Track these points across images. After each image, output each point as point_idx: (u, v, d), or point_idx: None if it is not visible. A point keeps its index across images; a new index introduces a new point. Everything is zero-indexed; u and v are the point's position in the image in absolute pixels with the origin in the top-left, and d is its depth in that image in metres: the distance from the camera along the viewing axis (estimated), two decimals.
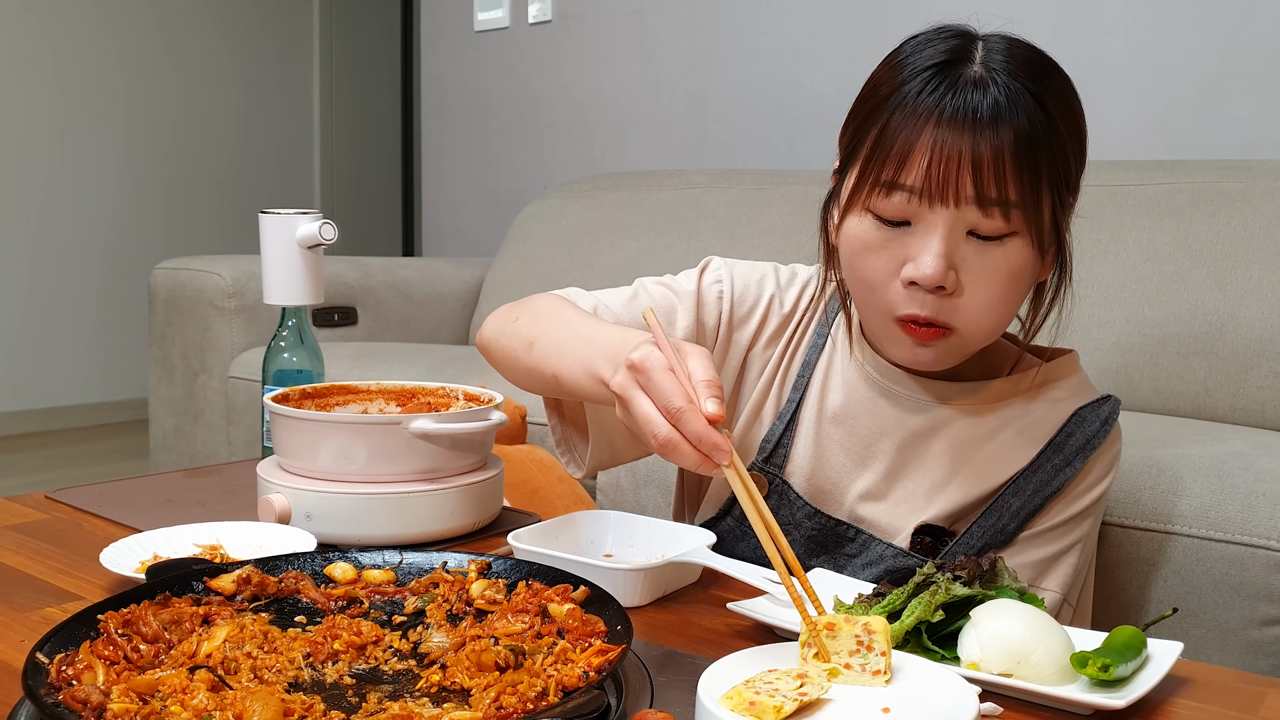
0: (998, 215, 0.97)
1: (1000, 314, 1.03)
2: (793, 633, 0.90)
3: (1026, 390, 1.11)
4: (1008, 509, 1.08)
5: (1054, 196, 1.00)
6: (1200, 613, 1.32)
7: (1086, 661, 0.80)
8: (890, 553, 1.11)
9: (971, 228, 0.99)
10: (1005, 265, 1.00)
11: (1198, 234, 1.81)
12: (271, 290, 1.45)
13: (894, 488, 1.13)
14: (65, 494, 1.35)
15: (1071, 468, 1.08)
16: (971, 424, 1.11)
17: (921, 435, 1.12)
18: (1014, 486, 1.08)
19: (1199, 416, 1.75)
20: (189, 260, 2.62)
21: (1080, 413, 1.10)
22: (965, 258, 0.99)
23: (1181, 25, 2.17)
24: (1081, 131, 1.04)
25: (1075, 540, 1.10)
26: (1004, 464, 1.09)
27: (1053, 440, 1.09)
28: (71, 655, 0.76)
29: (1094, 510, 1.11)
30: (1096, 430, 1.09)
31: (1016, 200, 0.97)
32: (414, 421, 1.13)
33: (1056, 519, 1.09)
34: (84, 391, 4.86)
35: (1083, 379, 1.14)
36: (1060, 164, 1.00)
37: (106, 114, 4.86)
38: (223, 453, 2.49)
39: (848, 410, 1.15)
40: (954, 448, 1.11)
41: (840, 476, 1.15)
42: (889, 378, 1.13)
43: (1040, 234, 1.00)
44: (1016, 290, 1.02)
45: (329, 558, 0.96)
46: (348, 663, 0.81)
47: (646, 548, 1.10)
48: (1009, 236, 0.99)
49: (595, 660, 0.77)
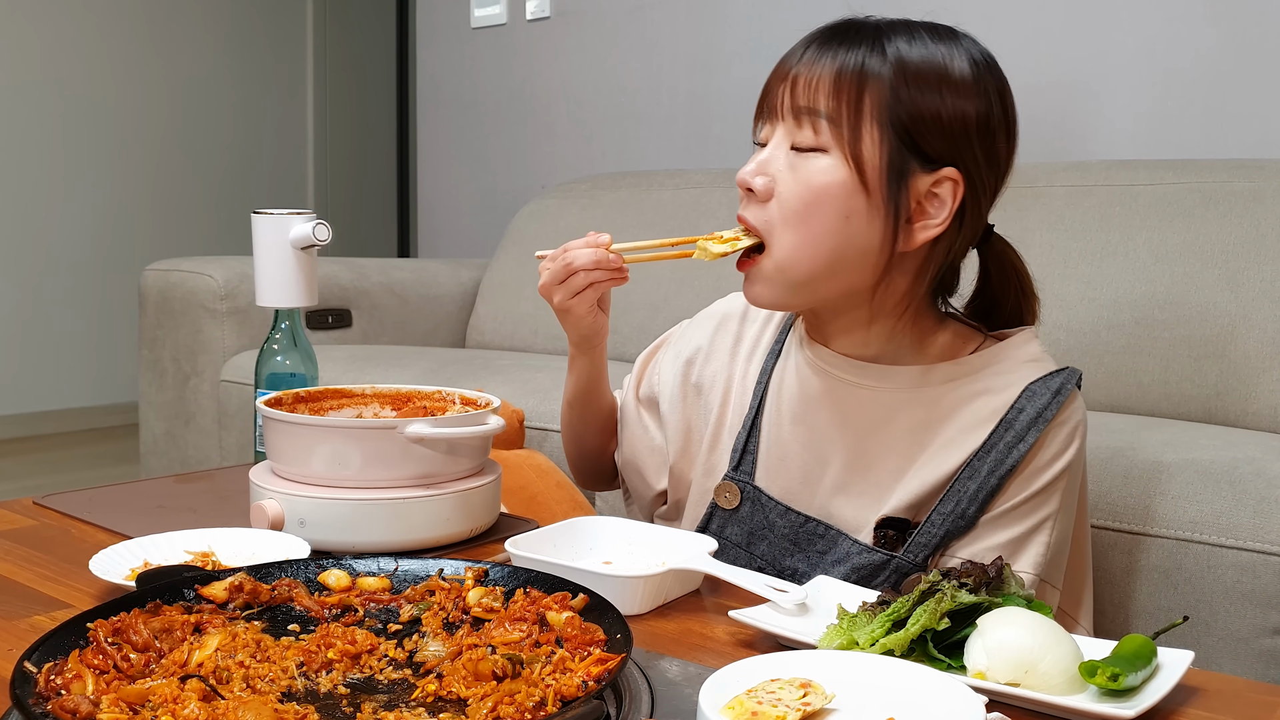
0: (808, 126, 1.06)
1: (800, 231, 1.07)
2: (797, 642, 0.90)
3: (980, 370, 1.13)
4: (965, 492, 1.09)
5: (891, 138, 1.05)
6: (1211, 621, 1.32)
7: (1095, 671, 0.80)
8: (855, 549, 1.13)
9: (793, 141, 1.08)
10: (809, 178, 1.06)
11: (1209, 235, 1.81)
12: (264, 292, 1.45)
13: (857, 479, 1.15)
14: (54, 500, 1.35)
15: (1024, 443, 1.08)
16: (926, 409, 1.13)
17: (878, 424, 1.14)
18: (969, 469, 1.09)
19: (1210, 421, 1.75)
20: (180, 261, 2.62)
21: (1031, 387, 1.10)
22: (781, 169, 1.08)
23: (1191, 20, 2.18)
24: (952, 90, 1.06)
25: (1043, 518, 1.10)
26: (959, 447, 1.11)
27: (1004, 418, 1.10)
28: (60, 664, 0.76)
29: (1058, 486, 1.10)
30: (1048, 403, 1.09)
31: (827, 113, 1.05)
32: (409, 426, 1.13)
33: (1017, 498, 1.09)
34: (73, 395, 4.86)
35: (1035, 353, 1.14)
36: (898, 109, 1.04)
37: (95, 112, 4.87)
38: (214, 458, 2.49)
39: (805, 408, 1.18)
40: (910, 434, 1.13)
41: (806, 474, 1.18)
42: (840, 369, 1.16)
43: (859, 158, 1.05)
44: (818, 210, 1.06)
45: (323, 565, 0.96)
46: (342, 672, 0.81)
47: (647, 555, 1.10)
48: (820, 152, 1.06)
49: (594, 669, 0.77)
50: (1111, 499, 1.39)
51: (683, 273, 2.44)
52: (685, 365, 1.32)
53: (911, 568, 1.11)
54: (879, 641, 0.86)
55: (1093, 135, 2.30)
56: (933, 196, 1.07)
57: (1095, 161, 2.10)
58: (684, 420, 1.30)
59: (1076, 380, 1.12)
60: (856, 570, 1.12)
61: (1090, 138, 2.30)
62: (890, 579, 1.12)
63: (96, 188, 4.90)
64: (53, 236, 4.78)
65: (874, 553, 1.12)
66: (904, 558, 1.11)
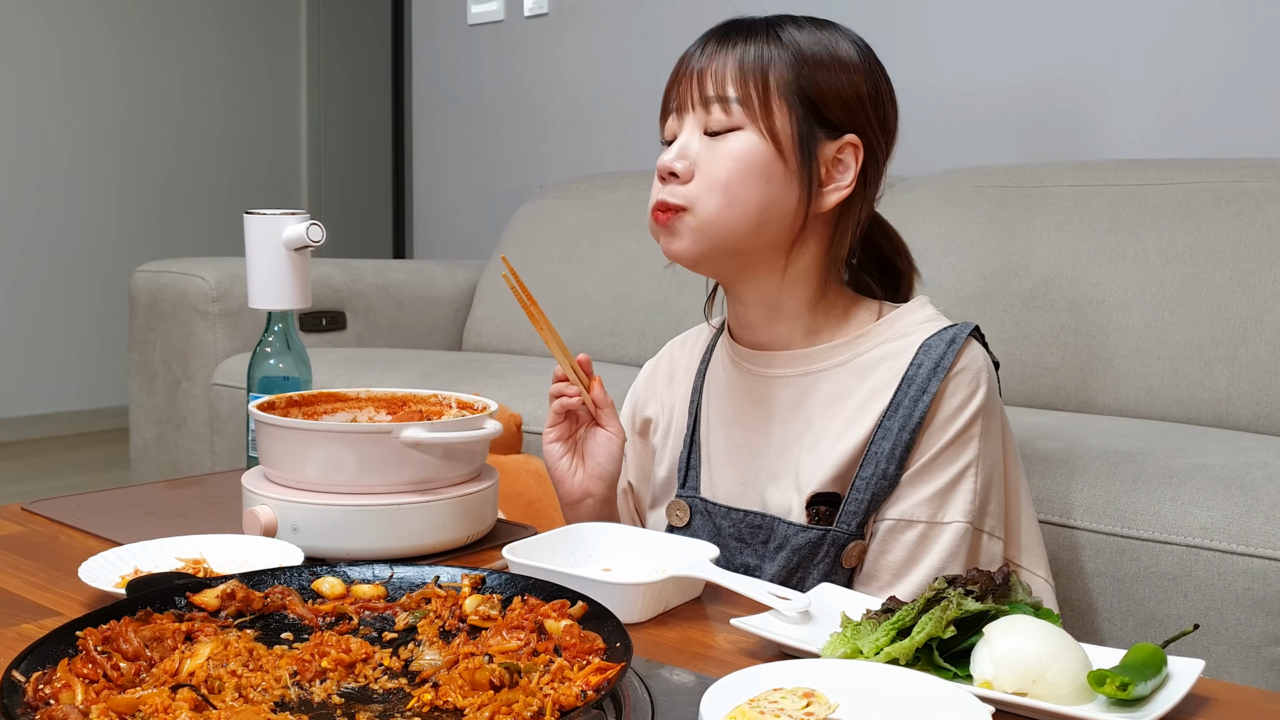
0: (719, 111, 1.16)
1: (724, 194, 1.15)
2: (800, 650, 0.90)
3: (881, 337, 1.21)
4: (881, 453, 1.15)
5: (799, 112, 1.15)
6: (1222, 629, 1.32)
7: (1104, 680, 0.80)
8: (792, 531, 1.18)
9: (705, 127, 1.17)
10: (728, 151, 1.15)
11: (1220, 235, 1.81)
12: (257, 294, 1.45)
13: (784, 464, 1.21)
14: (42, 505, 1.36)
15: (927, 395, 1.15)
16: (836, 381, 1.21)
17: (795, 407, 1.22)
18: (881, 429, 1.16)
19: (1221, 425, 1.75)
20: (171, 263, 2.62)
21: (926, 342, 1.17)
22: (699, 153, 1.16)
23: (1202, 16, 2.18)
24: (844, 68, 1.18)
25: (965, 465, 1.15)
26: (869, 411, 1.17)
27: (905, 375, 1.16)
28: (49, 673, 0.76)
29: (973, 432, 1.15)
30: (944, 353, 1.16)
31: (738, 98, 1.15)
32: (405, 430, 1.13)
33: (931, 449, 1.15)
34: (62, 399, 4.86)
35: (930, 314, 1.22)
36: (802, 85, 1.15)
37: (84, 110, 4.87)
38: (206, 463, 2.49)
39: (733, 407, 1.27)
40: (824, 409, 1.20)
41: (742, 471, 1.24)
42: (754, 361, 1.25)
43: (773, 130, 1.15)
44: (742, 175, 1.15)
45: (317, 572, 0.97)
46: (336, 681, 0.81)
47: (647, 561, 1.10)
48: (734, 131, 1.15)
49: (593, 679, 0.77)
50: (1120, 505, 1.40)
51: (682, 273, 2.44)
52: (632, 418, 1.40)
53: (847, 538, 1.16)
54: (884, 650, 0.86)
55: (1101, 134, 2.30)
56: (838, 162, 1.18)
57: (1104, 161, 2.10)
58: (638, 464, 1.38)
59: (971, 331, 1.18)
60: (797, 551, 1.17)
61: (1098, 136, 2.30)
62: (829, 553, 1.16)
63: (86, 187, 4.90)
64: (41, 237, 4.78)
65: (808, 530, 1.17)
66: (837, 529, 1.16)
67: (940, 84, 2.49)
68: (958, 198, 2.11)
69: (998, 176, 2.12)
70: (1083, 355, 1.86)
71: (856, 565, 1.18)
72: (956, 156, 2.43)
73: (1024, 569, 1.20)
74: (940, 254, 2.04)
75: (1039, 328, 1.91)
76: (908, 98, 1.29)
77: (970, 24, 2.45)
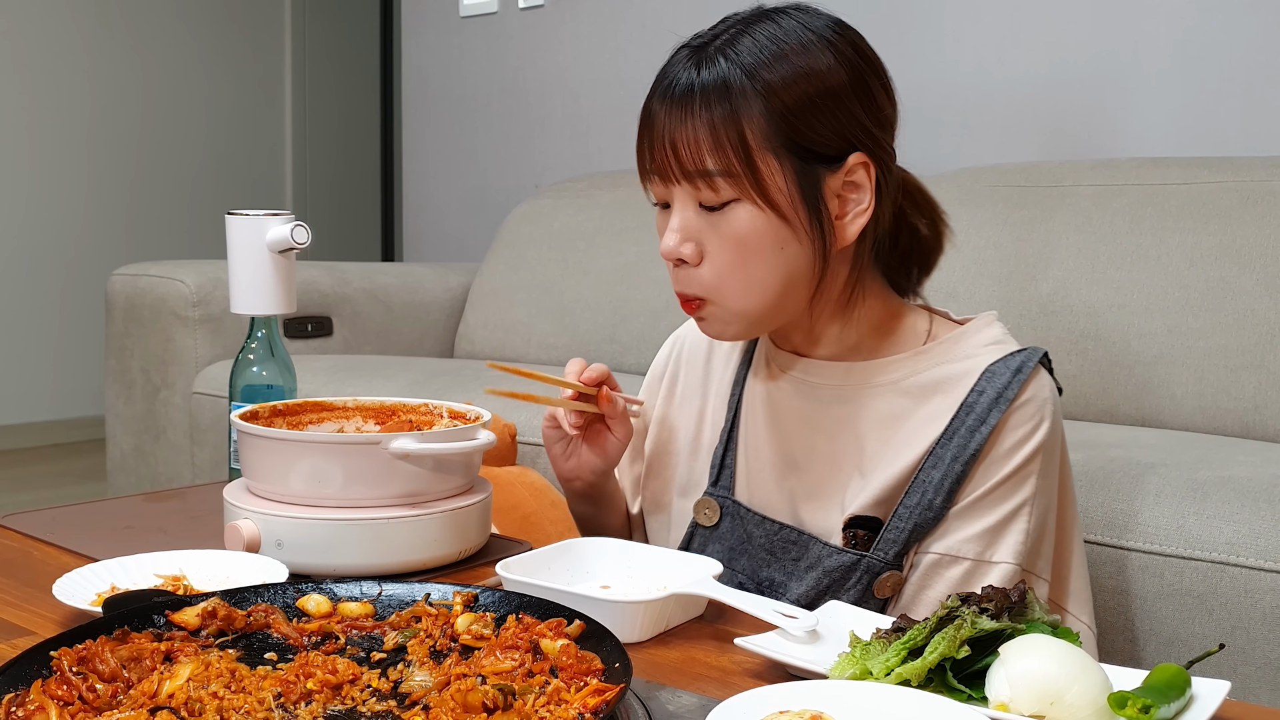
0: (705, 187, 1.10)
1: (743, 280, 1.12)
2: (807, 671, 0.90)
3: (940, 357, 1.17)
4: (930, 483, 1.13)
5: (791, 164, 1.09)
6: (1249, 649, 1.32)
7: (1126, 702, 0.80)
8: (826, 552, 1.17)
9: (699, 200, 1.11)
10: (731, 232, 1.11)
11: (1246, 237, 1.81)
12: (239, 298, 1.46)
13: (826, 481, 1.19)
14: (15, 520, 1.36)
15: (986, 426, 1.11)
16: (890, 401, 1.17)
17: (843, 423, 1.19)
18: (933, 457, 1.13)
19: (1248, 435, 1.75)
20: (149, 266, 2.63)
21: (990, 368, 1.14)
22: (702, 229, 1.12)
23: (1228, 9, 2.18)
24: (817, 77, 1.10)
25: (1019, 504, 1.12)
26: (922, 436, 1.14)
27: (965, 401, 1.13)
28: (22, 695, 0.76)
29: (1031, 469, 1.12)
30: (1008, 382, 1.12)
31: (720, 169, 1.09)
32: (394, 441, 1.13)
33: (985, 485, 1.12)
34: (35, 409, 4.86)
35: (996, 335, 1.18)
36: (783, 129, 1.08)
37: (60, 107, 4.87)
38: (186, 475, 2.49)
39: (775, 414, 1.23)
40: (877, 429, 1.17)
41: (780, 481, 1.22)
42: (805, 371, 1.22)
43: (768, 198, 1.09)
44: (753, 256, 1.11)
45: (302, 589, 0.97)
46: (322, 704, 0.81)
47: (647, 578, 1.10)
48: (731, 204, 1.10)
49: (591, 701, 0.77)
50: (1143, 519, 1.40)
51: None
52: (664, 378, 1.37)
53: (883, 567, 1.14)
54: (894, 671, 0.86)
55: (1123, 131, 2.31)
56: (849, 186, 1.13)
57: (1125, 159, 2.10)
58: (661, 430, 1.36)
59: (1040, 359, 1.15)
60: (828, 574, 1.16)
61: (1120, 134, 2.31)
62: (862, 580, 1.15)
63: (61, 188, 4.90)
64: (14, 239, 4.78)
65: (843, 554, 1.15)
66: (874, 556, 1.14)
67: (954, 79, 2.49)
68: (972, 198, 2.11)
69: (1014, 175, 2.13)
70: (1103, 362, 1.86)
71: (891, 596, 1.16)
72: (971, 155, 2.43)
73: (1069, 614, 1.18)
74: (953, 256, 2.03)
75: (1057, 333, 1.91)
76: (920, 93, 1.29)
77: (985, 16, 2.45)
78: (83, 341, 4.87)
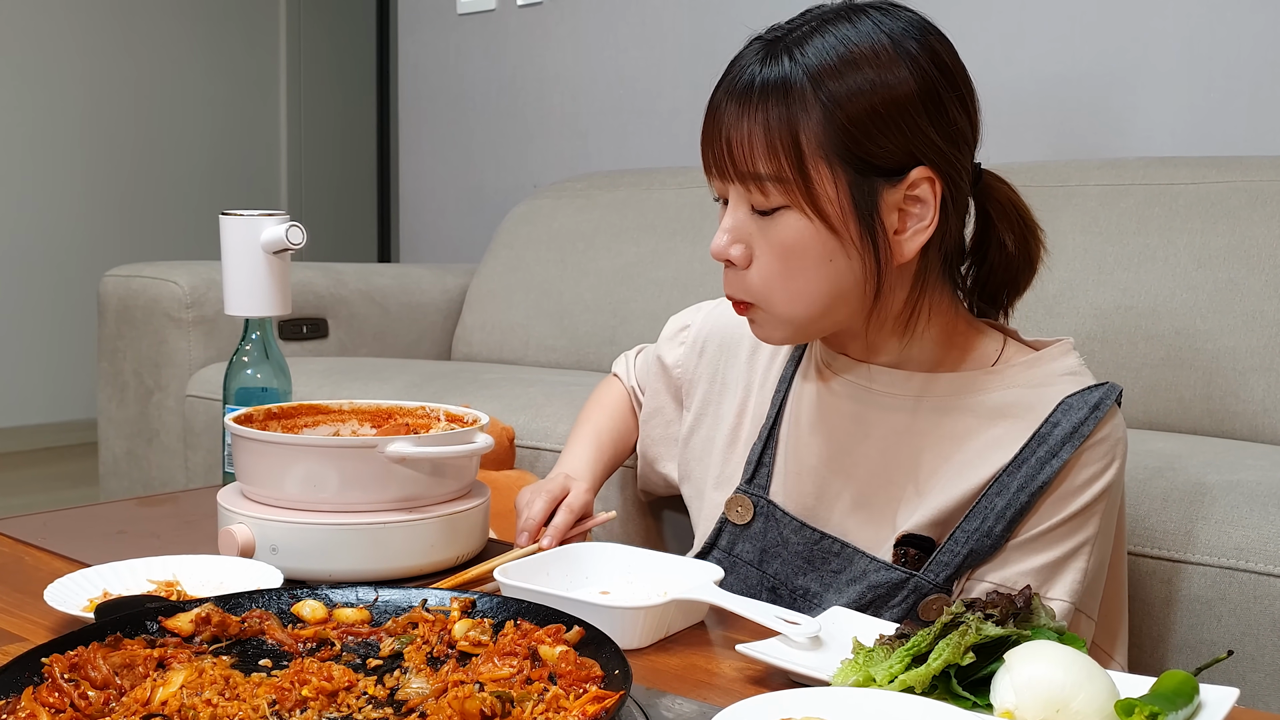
0: (756, 190, 1.09)
1: (788, 289, 1.11)
2: (810, 678, 0.90)
3: (1014, 380, 1.14)
4: (992, 509, 1.10)
5: (846, 176, 1.07)
6: (1258, 655, 1.32)
7: (1133, 710, 0.80)
8: (873, 567, 1.14)
9: (750, 204, 1.11)
10: (778, 239, 1.10)
11: (1255, 237, 1.81)
12: (233, 300, 1.46)
13: (877, 494, 1.17)
14: (6, 524, 1.36)
15: (1058, 459, 1.09)
16: (954, 418, 1.14)
17: (901, 435, 1.16)
18: (998, 484, 1.11)
19: (1257, 439, 1.75)
20: (142, 267, 2.62)
21: (1067, 400, 1.12)
22: (753, 232, 1.11)
23: (1236, 8, 2.18)
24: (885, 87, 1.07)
25: (1080, 543, 1.11)
26: (988, 460, 1.12)
27: (1037, 431, 1.11)
28: (13, 702, 0.76)
29: (1096, 509, 1.11)
30: (1085, 418, 1.10)
31: (770, 174, 1.08)
32: (391, 445, 1.13)
33: (1050, 520, 1.10)
34: (26, 412, 4.86)
35: (1073, 365, 1.16)
36: (840, 138, 1.06)
37: (52, 107, 4.88)
38: (179, 479, 2.49)
39: (824, 418, 1.20)
40: (937, 445, 1.14)
41: (823, 488, 1.19)
42: (862, 376, 1.18)
43: (818, 208, 1.07)
44: (798, 266, 1.09)
45: (297, 595, 0.97)
46: (318, 711, 0.81)
47: (647, 584, 1.10)
48: (780, 210, 1.09)
49: (590, 708, 0.77)
50: (1150, 523, 1.40)
51: (685, 278, 2.45)
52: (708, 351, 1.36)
53: (931, 588, 1.12)
54: (898, 678, 0.86)
55: (1129, 130, 2.31)
56: (911, 200, 1.09)
57: (1132, 159, 2.10)
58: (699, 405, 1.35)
59: (1116, 396, 1.13)
60: (873, 589, 1.14)
61: (1127, 133, 2.31)
62: (908, 599, 1.13)
63: (53, 188, 4.90)
64: (4, 240, 4.78)
65: (892, 570, 1.13)
66: (924, 577, 1.12)
67: None
68: None
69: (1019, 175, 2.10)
70: (1109, 365, 1.86)
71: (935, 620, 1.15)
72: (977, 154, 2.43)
73: (1113, 660, 1.17)
74: None
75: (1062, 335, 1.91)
76: None
77: (991, 13, 2.46)
78: (75, 344, 4.87)
